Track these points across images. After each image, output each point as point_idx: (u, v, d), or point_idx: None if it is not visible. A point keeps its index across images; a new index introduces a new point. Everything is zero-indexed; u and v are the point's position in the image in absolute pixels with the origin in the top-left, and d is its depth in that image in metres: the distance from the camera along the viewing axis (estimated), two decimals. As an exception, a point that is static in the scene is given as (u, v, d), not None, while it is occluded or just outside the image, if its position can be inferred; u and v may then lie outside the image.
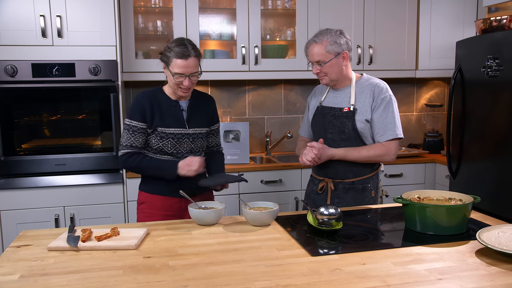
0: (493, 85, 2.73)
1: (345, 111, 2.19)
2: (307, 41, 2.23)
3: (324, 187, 2.27)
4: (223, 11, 3.46)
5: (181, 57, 2.00)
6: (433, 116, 3.94)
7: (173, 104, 2.13)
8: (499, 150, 2.70)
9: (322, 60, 2.16)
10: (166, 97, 2.15)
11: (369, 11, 3.50)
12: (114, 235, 1.67)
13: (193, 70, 2.03)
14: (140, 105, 2.10)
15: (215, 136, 2.32)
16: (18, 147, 2.92)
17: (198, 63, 2.07)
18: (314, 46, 2.17)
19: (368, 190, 2.23)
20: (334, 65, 2.17)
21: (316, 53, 2.16)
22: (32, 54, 2.83)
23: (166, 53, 2.06)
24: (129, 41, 3.16)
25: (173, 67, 2.02)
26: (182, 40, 2.06)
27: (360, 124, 2.17)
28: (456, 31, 3.54)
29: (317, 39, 2.17)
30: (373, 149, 2.17)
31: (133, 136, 2.08)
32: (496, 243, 1.48)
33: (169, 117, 2.11)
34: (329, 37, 2.15)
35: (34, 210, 2.89)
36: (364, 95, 2.19)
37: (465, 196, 1.79)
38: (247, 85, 3.73)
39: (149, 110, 2.09)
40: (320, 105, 2.30)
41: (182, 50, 2.00)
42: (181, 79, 2.03)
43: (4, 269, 1.42)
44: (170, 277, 1.34)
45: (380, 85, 2.19)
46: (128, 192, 3.02)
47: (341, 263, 1.43)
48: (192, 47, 2.04)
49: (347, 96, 2.22)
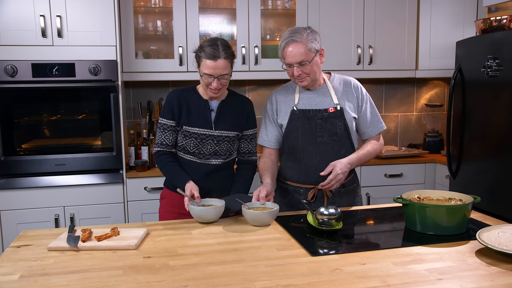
0: (493, 85, 2.73)
1: (331, 112, 2.10)
2: (282, 42, 2.03)
3: (315, 195, 2.12)
4: (223, 11, 3.46)
5: (210, 58, 1.96)
6: (433, 116, 3.94)
7: (202, 104, 2.10)
8: (499, 150, 2.70)
9: (305, 60, 2.00)
10: (197, 96, 2.12)
11: (369, 11, 3.50)
12: (114, 235, 1.67)
13: (222, 71, 1.98)
14: (169, 103, 2.10)
15: (249, 142, 2.21)
16: (18, 147, 2.92)
17: (230, 65, 2.02)
18: (294, 46, 1.99)
19: (355, 190, 2.22)
20: (316, 64, 2.05)
21: (298, 53, 1.99)
22: (32, 54, 2.82)
23: (198, 53, 2.03)
24: (129, 41, 3.16)
25: (203, 67, 1.99)
26: (215, 40, 2.01)
27: (349, 123, 2.12)
28: (456, 31, 3.53)
29: (296, 37, 1.99)
30: (373, 145, 2.17)
31: (163, 134, 2.10)
32: (496, 243, 1.48)
33: (196, 116, 2.09)
34: (307, 34, 2.00)
35: (34, 210, 2.89)
36: (345, 93, 2.14)
37: (465, 196, 1.79)
38: (247, 85, 3.73)
39: (177, 107, 2.09)
40: (297, 109, 2.12)
41: (212, 51, 1.96)
42: (210, 80, 2.00)
43: (4, 269, 1.42)
44: (170, 277, 1.34)
45: (356, 82, 2.19)
46: (128, 192, 3.02)
47: (341, 263, 1.43)
48: (224, 48, 1.98)
49: (326, 96, 2.13)
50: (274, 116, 2.21)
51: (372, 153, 2.17)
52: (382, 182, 3.41)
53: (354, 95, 2.15)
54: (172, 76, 3.27)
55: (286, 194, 2.21)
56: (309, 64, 2.01)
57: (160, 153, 2.12)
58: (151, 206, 3.03)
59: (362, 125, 2.18)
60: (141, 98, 3.50)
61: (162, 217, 2.20)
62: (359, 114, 2.16)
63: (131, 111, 3.52)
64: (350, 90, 2.16)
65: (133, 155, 3.19)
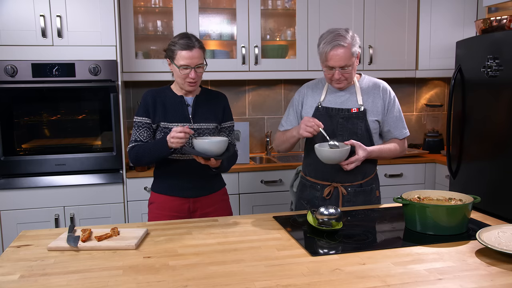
0: (493, 85, 2.73)
1: (354, 112, 2.13)
2: (327, 45, 2.02)
3: (331, 192, 2.18)
4: (223, 11, 3.46)
5: (185, 49, 2.00)
6: (433, 116, 3.94)
7: (178, 100, 2.12)
8: (499, 150, 2.70)
9: (348, 64, 2.02)
10: (172, 94, 2.14)
11: (369, 11, 3.50)
12: (114, 235, 1.67)
13: (198, 61, 2.03)
14: (144, 102, 2.12)
15: (227, 134, 2.22)
16: (18, 147, 2.92)
17: (203, 55, 2.07)
18: (340, 50, 1.99)
19: (374, 190, 2.24)
20: (354, 68, 2.09)
21: (343, 58, 2.00)
22: (32, 54, 2.83)
23: (170, 47, 2.06)
24: (129, 41, 3.16)
25: (178, 59, 2.02)
26: (185, 33, 2.08)
27: (372, 124, 2.14)
28: (456, 31, 3.54)
29: (342, 41, 1.99)
30: (396, 145, 2.21)
31: (138, 131, 2.10)
32: (496, 243, 1.48)
33: (173, 112, 2.10)
34: (350, 38, 2.02)
35: (34, 210, 2.89)
36: (371, 95, 2.16)
37: (465, 196, 1.79)
38: (247, 85, 3.73)
39: (152, 105, 2.10)
40: (321, 105, 2.18)
41: (186, 42, 2.01)
42: (187, 71, 2.02)
43: (4, 269, 1.42)
44: (170, 277, 1.34)
45: (386, 86, 2.21)
46: (128, 192, 3.02)
47: (341, 263, 1.43)
48: (196, 39, 2.05)
49: (352, 96, 2.16)
50: (299, 107, 2.27)
51: (393, 151, 2.21)
52: (382, 182, 3.38)
53: (381, 98, 2.17)
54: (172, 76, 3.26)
55: (305, 189, 2.27)
56: (350, 68, 2.05)
57: (132, 147, 2.09)
58: (151, 206, 3.03)
59: (386, 128, 2.21)
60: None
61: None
62: (384, 118, 2.18)
63: (131, 111, 3.52)
64: (377, 93, 2.17)
65: (133, 155, 3.19)
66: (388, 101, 2.18)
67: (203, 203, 2.14)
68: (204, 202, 2.15)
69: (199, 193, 2.13)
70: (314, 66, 3.44)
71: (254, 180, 3.20)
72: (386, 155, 2.19)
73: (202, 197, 2.13)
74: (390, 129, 2.21)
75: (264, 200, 3.21)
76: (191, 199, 2.12)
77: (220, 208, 2.19)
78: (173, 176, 2.12)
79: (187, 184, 2.11)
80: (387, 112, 2.18)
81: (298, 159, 3.66)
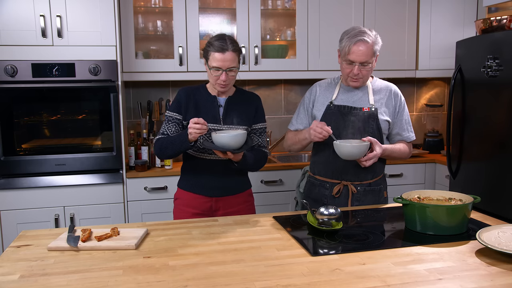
0: (493, 85, 2.73)
1: (366, 111, 2.14)
2: (351, 39, 2.03)
3: (340, 190, 2.18)
4: (223, 11, 3.46)
5: (219, 51, 1.99)
6: (433, 116, 3.94)
7: (210, 100, 2.12)
8: (499, 150, 2.70)
9: (369, 61, 2.05)
10: (206, 93, 2.14)
11: (369, 11, 3.50)
12: (114, 235, 1.67)
13: (230, 64, 2.01)
14: (178, 97, 2.14)
15: (258, 136, 2.20)
16: (18, 147, 2.92)
17: (237, 59, 2.04)
18: (364, 45, 2.02)
19: (382, 191, 2.25)
20: (373, 67, 2.11)
21: (366, 53, 2.03)
22: (32, 54, 2.82)
23: (206, 48, 2.06)
24: (129, 41, 3.16)
25: (211, 61, 2.02)
26: (222, 35, 2.06)
27: (382, 124, 2.16)
28: (456, 31, 3.54)
29: (366, 37, 2.02)
30: (405, 147, 2.23)
31: (167, 125, 2.12)
32: (496, 243, 1.48)
33: (204, 112, 2.10)
34: (373, 36, 2.05)
35: (34, 210, 2.89)
36: (382, 96, 2.19)
37: (465, 196, 1.79)
38: (247, 85, 3.73)
39: (185, 103, 2.11)
40: (332, 104, 2.18)
41: (220, 44, 2.00)
42: (218, 73, 2.02)
43: (4, 269, 1.42)
44: (170, 277, 1.34)
45: (397, 89, 2.24)
46: (128, 192, 3.02)
47: (341, 263, 1.43)
48: (231, 42, 2.02)
49: (365, 96, 2.18)
50: (309, 106, 2.26)
51: (403, 152, 2.23)
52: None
53: (392, 101, 2.19)
54: (172, 76, 3.27)
55: (313, 188, 2.27)
56: (370, 66, 2.07)
57: (157, 139, 2.12)
58: (151, 206, 3.03)
59: (395, 131, 2.23)
60: (141, 98, 3.50)
61: (176, 217, 2.20)
62: (394, 120, 2.21)
63: (131, 111, 3.52)
64: (389, 95, 2.20)
65: (133, 155, 3.19)
66: (399, 104, 2.21)
67: (226, 202, 2.14)
68: (227, 201, 2.15)
69: (222, 193, 2.13)
70: (314, 66, 3.44)
71: (254, 180, 3.18)
72: (396, 155, 2.20)
73: (225, 197, 2.14)
74: (399, 131, 2.23)
75: (264, 200, 3.21)
76: (213, 198, 2.12)
77: (243, 209, 2.18)
78: (199, 173, 2.13)
79: (211, 183, 2.11)
80: (397, 115, 2.21)
81: (298, 159, 3.66)
